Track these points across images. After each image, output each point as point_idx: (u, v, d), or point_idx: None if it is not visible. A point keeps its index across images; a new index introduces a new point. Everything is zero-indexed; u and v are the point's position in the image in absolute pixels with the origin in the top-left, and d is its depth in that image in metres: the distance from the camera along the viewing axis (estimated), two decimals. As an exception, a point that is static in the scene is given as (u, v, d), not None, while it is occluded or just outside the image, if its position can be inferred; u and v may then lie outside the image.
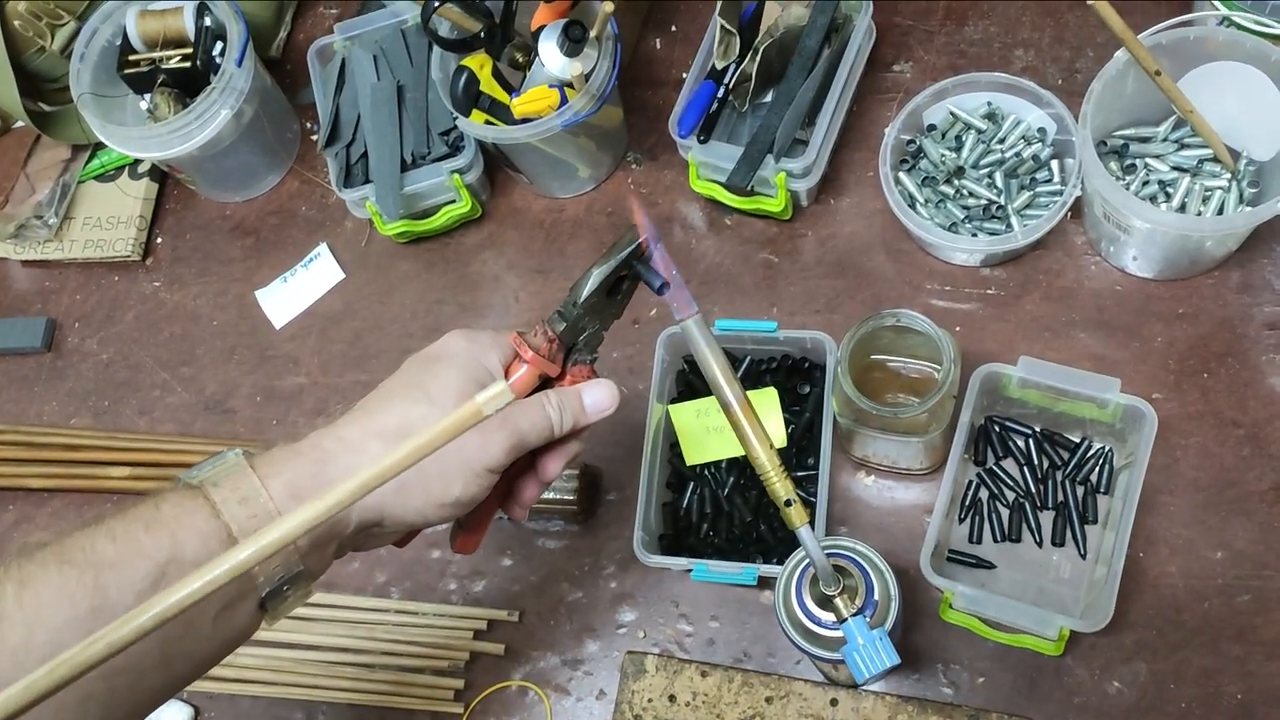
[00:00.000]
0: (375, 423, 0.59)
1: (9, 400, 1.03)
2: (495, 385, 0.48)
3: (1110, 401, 0.76)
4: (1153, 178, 0.85)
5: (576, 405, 0.64)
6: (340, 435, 0.58)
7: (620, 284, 0.65)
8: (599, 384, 0.65)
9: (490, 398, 0.47)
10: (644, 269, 0.63)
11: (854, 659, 0.62)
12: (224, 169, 1.01)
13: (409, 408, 0.59)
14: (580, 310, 0.64)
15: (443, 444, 0.46)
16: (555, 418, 0.63)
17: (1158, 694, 0.76)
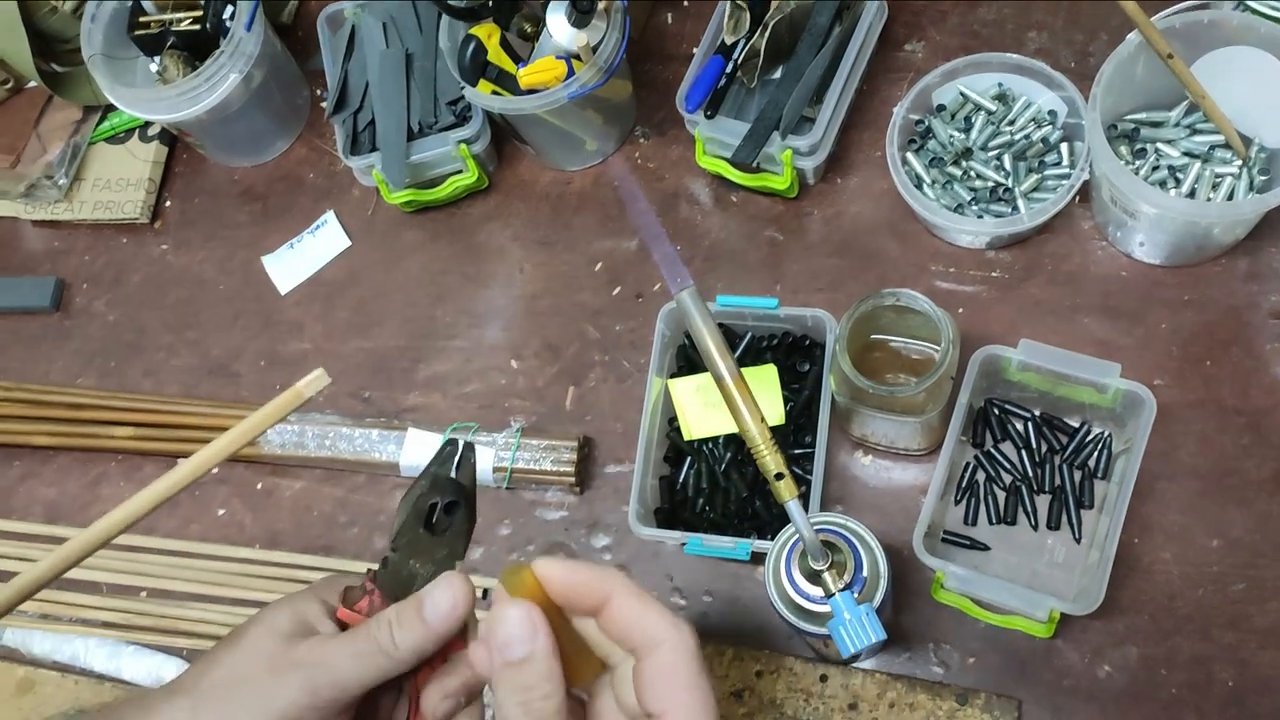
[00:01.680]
0: (175, 682, 0.53)
1: (16, 359, 1.04)
2: (315, 370, 0.48)
3: (1110, 386, 0.76)
4: (1163, 163, 0.84)
5: (412, 616, 0.51)
6: (145, 698, 0.53)
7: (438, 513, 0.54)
8: (440, 580, 0.52)
9: (310, 380, 0.48)
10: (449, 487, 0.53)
11: (840, 634, 0.62)
12: (233, 133, 1.02)
13: (212, 654, 0.53)
14: (397, 553, 0.53)
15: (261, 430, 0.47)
16: (384, 640, 0.51)
17: (1148, 679, 0.76)
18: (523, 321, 0.96)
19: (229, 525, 0.94)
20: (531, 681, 0.47)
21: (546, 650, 0.47)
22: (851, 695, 0.79)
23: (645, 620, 0.48)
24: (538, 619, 0.47)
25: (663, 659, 0.47)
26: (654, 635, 0.48)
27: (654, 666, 0.47)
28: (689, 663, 0.47)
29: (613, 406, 0.92)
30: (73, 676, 0.91)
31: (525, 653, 0.47)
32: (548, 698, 0.47)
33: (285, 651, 0.51)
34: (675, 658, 0.47)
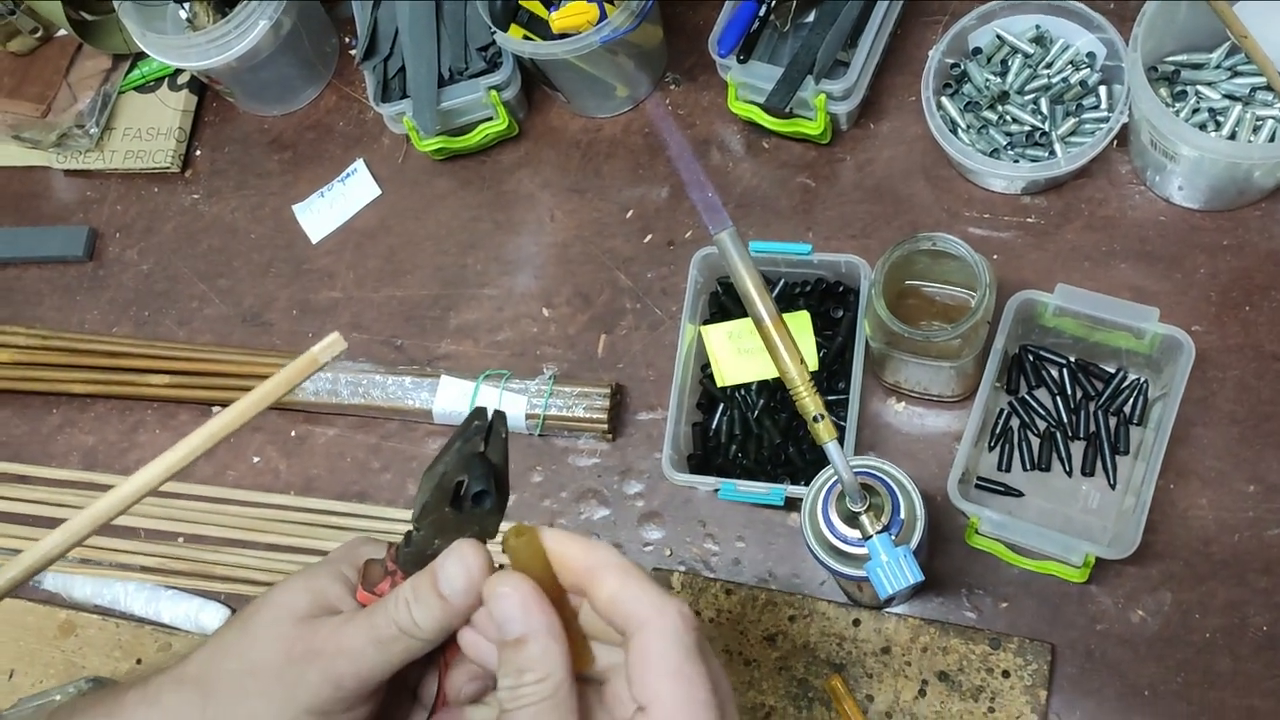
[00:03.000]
0: (181, 667, 0.50)
1: (53, 308, 1.04)
2: (330, 335, 0.45)
3: (1147, 331, 0.75)
4: (1203, 105, 0.83)
5: (428, 592, 0.47)
6: (148, 683, 0.50)
7: (466, 491, 0.49)
8: (451, 551, 0.47)
9: (325, 345, 0.47)
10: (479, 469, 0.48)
11: (877, 575, 0.62)
12: (262, 81, 1.01)
13: (221, 637, 0.50)
14: (421, 532, 0.49)
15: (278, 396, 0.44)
16: (405, 621, 0.47)
17: (1182, 623, 0.77)
18: (554, 269, 0.96)
19: (264, 472, 0.95)
20: (525, 664, 0.43)
21: (542, 629, 0.43)
22: (884, 639, 0.80)
23: (627, 601, 0.44)
24: (532, 596, 0.44)
25: (644, 645, 0.43)
26: (636, 618, 0.43)
27: (635, 653, 0.43)
28: (675, 649, 0.42)
29: (644, 354, 0.92)
30: (113, 620, 0.92)
31: (520, 632, 0.43)
32: (541, 683, 0.43)
33: (302, 637, 0.47)
34: (658, 644, 0.42)
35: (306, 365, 0.47)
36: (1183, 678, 0.76)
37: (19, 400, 1.01)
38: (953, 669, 0.78)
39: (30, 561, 0.45)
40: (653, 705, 0.42)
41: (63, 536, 0.45)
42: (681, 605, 0.44)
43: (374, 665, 0.47)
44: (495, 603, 0.44)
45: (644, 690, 0.42)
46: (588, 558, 0.45)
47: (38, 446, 1.00)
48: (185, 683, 0.48)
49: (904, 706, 0.78)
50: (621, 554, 0.46)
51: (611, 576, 0.44)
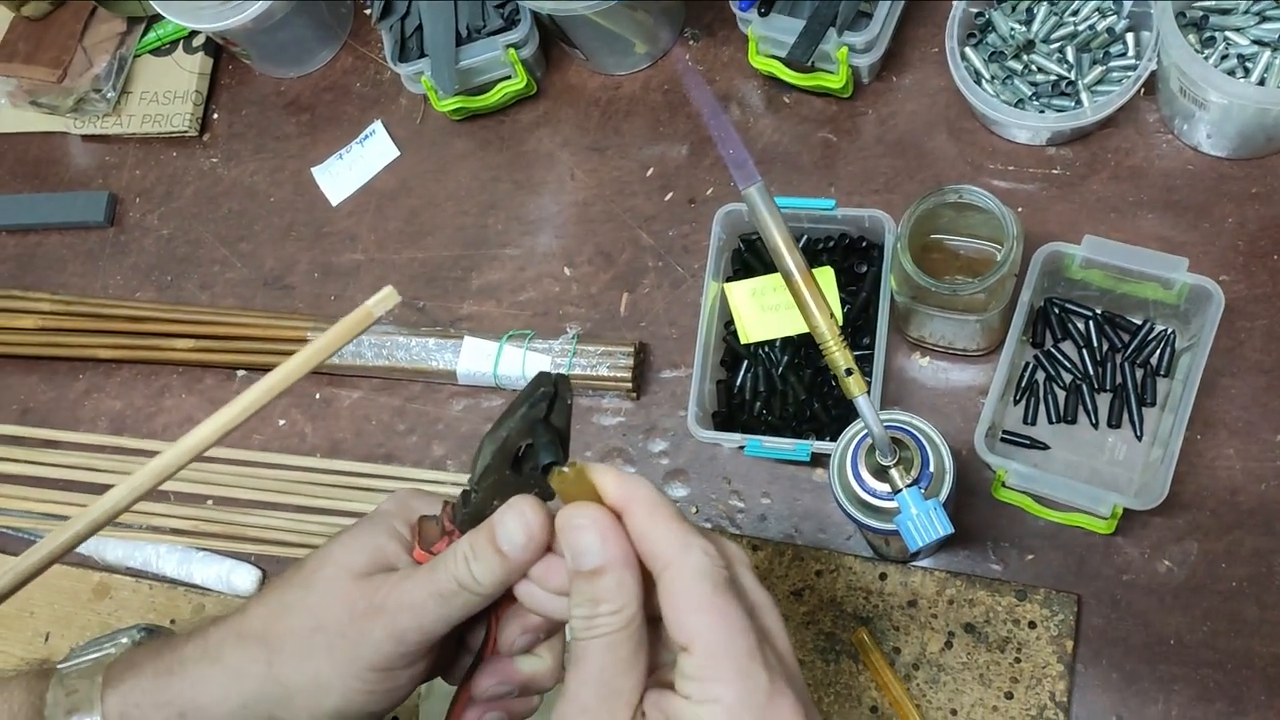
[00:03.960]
0: (241, 623, 0.50)
1: (75, 274, 1.05)
2: (384, 289, 0.45)
3: (1176, 281, 0.75)
4: (1232, 51, 0.82)
5: (487, 547, 0.47)
6: (207, 637, 0.50)
7: (527, 453, 0.49)
8: (510, 506, 0.47)
9: (379, 299, 0.47)
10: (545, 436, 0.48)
11: (908, 528, 0.62)
12: (278, 42, 1.01)
13: (282, 594, 0.50)
14: (480, 493, 0.49)
15: (333, 350, 0.45)
16: (464, 576, 0.47)
17: (1208, 573, 0.77)
18: (575, 228, 0.96)
19: (290, 435, 0.96)
20: (599, 594, 0.43)
21: (617, 560, 0.43)
22: (911, 592, 0.80)
23: (653, 539, 0.44)
24: (609, 528, 0.44)
25: (670, 584, 0.43)
26: (661, 557, 0.43)
27: (668, 591, 0.43)
28: (701, 585, 0.42)
29: (667, 312, 0.92)
30: (146, 581, 0.93)
31: (596, 564, 0.43)
32: (615, 614, 0.43)
33: (364, 595, 0.48)
34: (683, 582, 0.42)
35: (361, 319, 0.47)
36: (1209, 626, 0.76)
37: (46, 366, 1.02)
38: (979, 621, 0.79)
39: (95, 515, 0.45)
40: (691, 644, 0.42)
41: (125, 491, 0.46)
42: (705, 543, 0.44)
43: (435, 620, 0.48)
44: (572, 535, 0.44)
45: (679, 630, 0.42)
46: (620, 492, 0.45)
47: (65, 412, 1.01)
48: (248, 639, 0.49)
49: (930, 658, 0.79)
50: (655, 488, 0.45)
51: (640, 513, 0.44)
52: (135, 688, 0.49)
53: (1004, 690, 0.77)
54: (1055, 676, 0.77)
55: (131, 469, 0.96)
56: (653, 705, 0.43)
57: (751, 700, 0.41)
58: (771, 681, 0.42)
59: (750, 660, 0.41)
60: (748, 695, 0.41)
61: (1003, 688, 0.77)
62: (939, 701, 0.78)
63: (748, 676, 0.41)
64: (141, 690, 0.49)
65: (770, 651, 0.43)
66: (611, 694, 0.43)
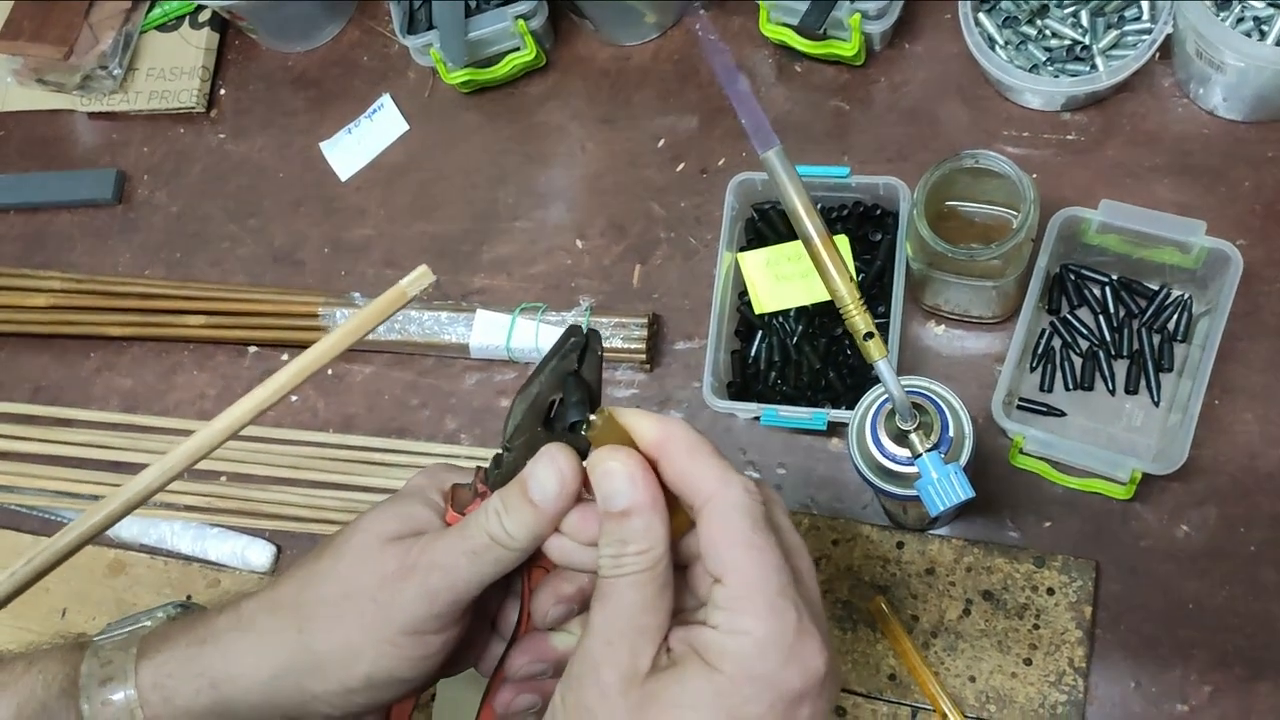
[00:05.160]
0: (273, 594, 0.50)
1: (85, 252, 1.04)
2: (418, 269, 0.46)
3: (1194, 245, 0.74)
4: (1248, 14, 0.81)
5: (519, 500, 0.47)
6: (240, 609, 0.50)
7: (556, 411, 0.49)
8: (542, 456, 0.47)
9: (413, 279, 0.47)
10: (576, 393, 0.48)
11: (928, 493, 0.62)
12: (284, 16, 1.00)
13: (313, 564, 0.50)
14: (513, 453, 0.49)
15: (367, 330, 0.45)
16: (496, 530, 0.47)
17: (1227, 537, 0.77)
18: (586, 201, 0.95)
19: (302, 411, 0.96)
20: (627, 535, 0.44)
21: (645, 503, 0.44)
22: (928, 560, 0.80)
23: (694, 476, 0.44)
24: (638, 471, 0.44)
25: (711, 517, 0.43)
26: (702, 492, 0.44)
27: (707, 525, 0.43)
28: (741, 520, 0.43)
29: (680, 283, 0.91)
30: (161, 558, 0.93)
31: (625, 505, 0.44)
32: (642, 553, 0.43)
33: (395, 557, 0.48)
34: (724, 516, 0.43)
35: (395, 299, 0.47)
36: (1227, 591, 0.76)
37: (56, 345, 1.02)
38: (997, 588, 0.79)
39: (128, 495, 0.46)
40: (726, 576, 0.42)
41: (157, 472, 0.46)
42: (746, 480, 0.44)
43: (468, 578, 0.47)
44: (602, 478, 0.44)
45: (716, 562, 0.43)
46: (658, 432, 0.45)
47: (77, 390, 1.00)
48: (279, 608, 0.49)
49: (949, 625, 0.79)
50: (691, 427, 0.46)
51: (680, 452, 0.44)
52: (169, 658, 0.49)
53: (1023, 657, 0.77)
54: (1074, 642, 0.77)
55: (143, 446, 0.96)
56: (678, 639, 0.44)
57: (780, 635, 0.41)
58: (800, 620, 0.42)
59: (782, 597, 0.42)
60: (777, 630, 0.41)
61: (1021, 654, 0.77)
62: (957, 669, 0.78)
63: (778, 612, 0.42)
64: (175, 661, 0.49)
65: (803, 594, 0.43)
66: (635, 630, 0.43)
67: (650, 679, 0.42)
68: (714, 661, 0.42)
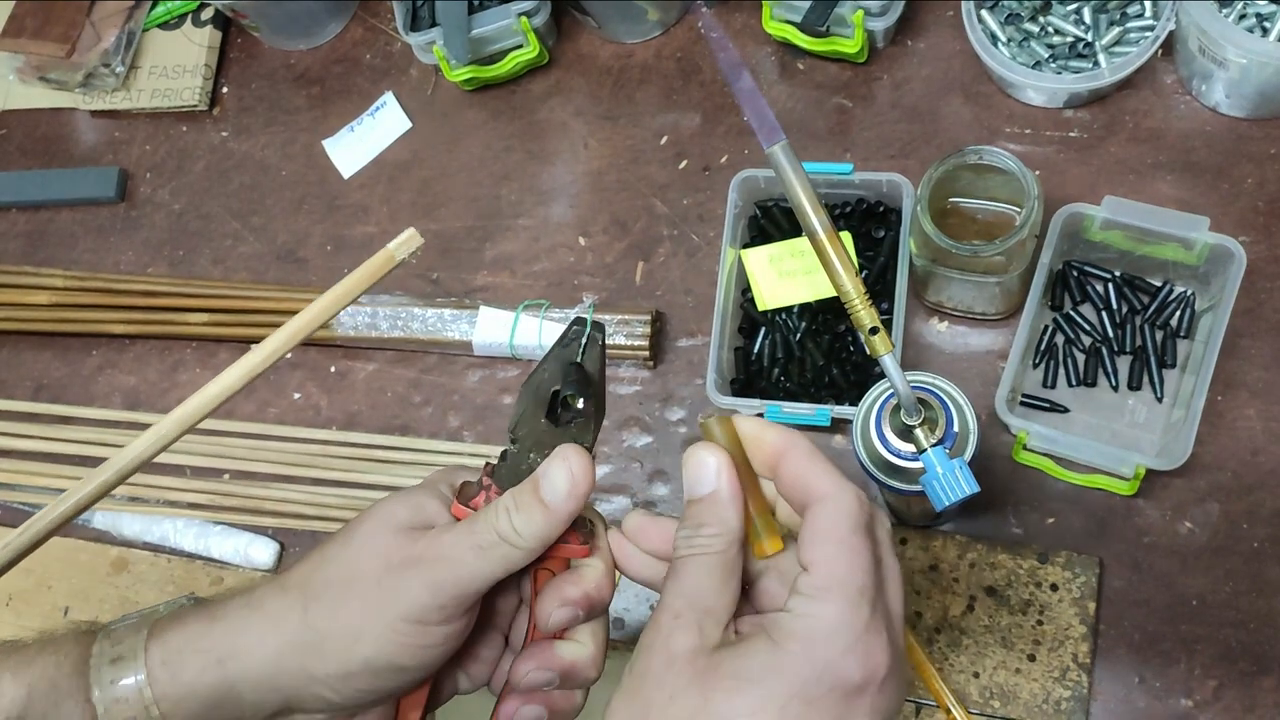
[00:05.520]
0: (285, 576, 0.51)
1: (87, 250, 1.04)
2: (405, 231, 0.46)
3: (1197, 241, 0.74)
4: (1250, 10, 0.81)
5: (529, 499, 0.48)
6: (252, 590, 0.51)
7: (562, 404, 0.51)
8: (555, 456, 0.49)
9: (401, 241, 0.47)
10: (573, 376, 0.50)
11: (934, 488, 0.62)
12: (287, 13, 1.00)
13: (324, 549, 0.51)
14: (518, 445, 0.50)
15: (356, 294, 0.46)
16: (505, 528, 0.48)
17: (1230, 533, 0.77)
18: (589, 198, 0.95)
19: (305, 408, 0.96)
20: (703, 519, 0.47)
21: (726, 494, 0.47)
22: (932, 557, 0.80)
23: (811, 477, 0.47)
24: (725, 464, 0.47)
25: (818, 513, 0.46)
26: (818, 492, 0.47)
27: (812, 520, 0.46)
28: (844, 520, 0.45)
29: (683, 280, 0.91)
30: (164, 555, 0.93)
31: (706, 491, 0.47)
32: (714, 537, 0.46)
33: (402, 547, 0.49)
34: (834, 514, 0.46)
35: (383, 262, 0.47)
36: (1231, 587, 0.76)
37: (59, 342, 1.01)
38: (1000, 584, 0.79)
39: (122, 463, 0.45)
40: (814, 566, 0.45)
41: (151, 439, 0.45)
42: (860, 491, 0.47)
43: (473, 573, 0.48)
44: (695, 467, 0.47)
45: (810, 552, 0.45)
46: (783, 438, 0.48)
47: (79, 388, 1.00)
48: (288, 589, 0.50)
49: (952, 621, 0.79)
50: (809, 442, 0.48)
51: (800, 456, 0.47)
52: (179, 636, 0.50)
53: (1026, 653, 0.77)
54: (1078, 638, 0.77)
55: (147, 444, 0.96)
56: (750, 623, 0.47)
57: (849, 626, 0.43)
58: (872, 617, 0.44)
59: (861, 595, 0.44)
60: (847, 620, 0.43)
61: (1025, 650, 0.77)
62: (961, 665, 0.78)
63: (854, 605, 0.43)
64: (184, 638, 0.50)
65: (882, 601, 0.45)
66: (701, 608, 0.45)
67: (716, 651, 0.44)
68: (781, 640, 0.43)
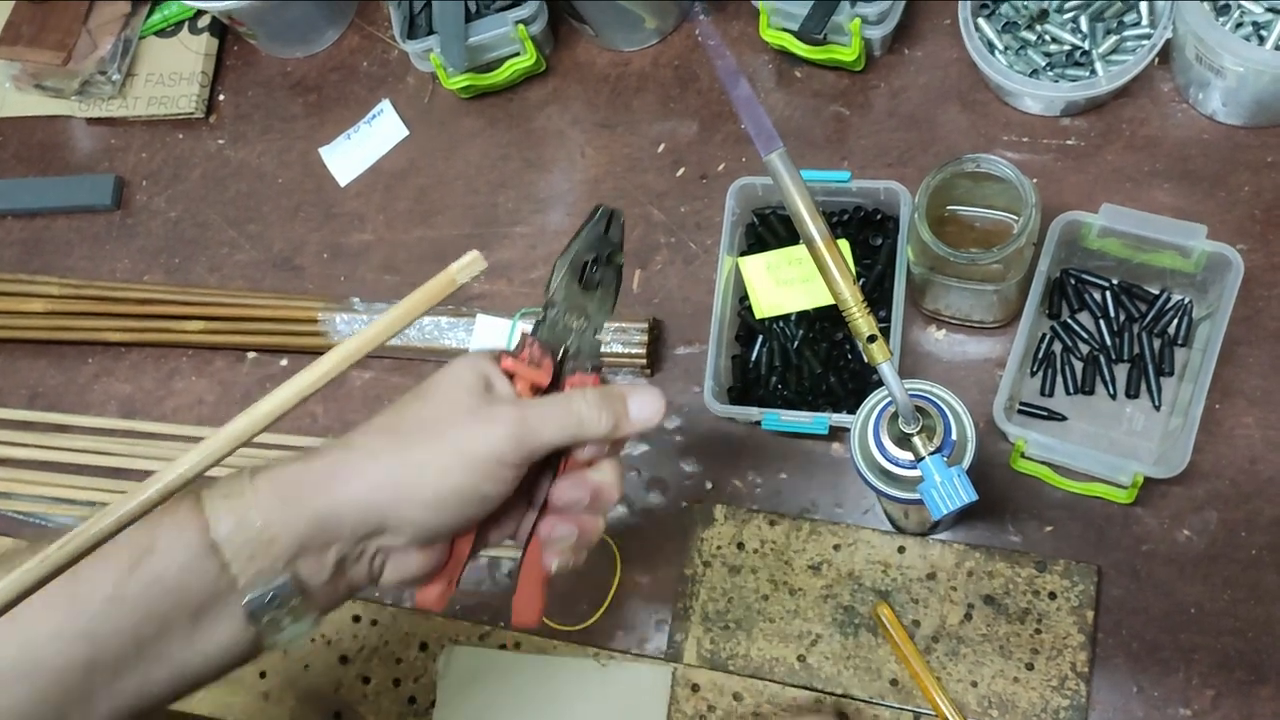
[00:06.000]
0: (369, 424, 0.56)
1: (83, 257, 1.04)
2: (469, 254, 0.48)
3: (1195, 249, 0.74)
4: (1246, 19, 0.81)
5: (620, 407, 0.57)
6: (338, 439, 0.56)
7: (593, 271, 0.60)
8: (648, 389, 0.59)
9: (463, 266, 0.48)
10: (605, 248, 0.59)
11: (932, 496, 0.62)
12: (284, 21, 1.00)
13: (402, 407, 0.56)
14: (553, 307, 0.59)
15: (414, 316, 0.47)
16: (588, 414, 0.56)
17: (1228, 541, 0.77)
18: (586, 206, 0.95)
19: (302, 416, 0.95)
20: None
21: None
22: (930, 565, 0.80)
23: None
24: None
25: None
26: None
27: None
28: None
29: (680, 288, 0.91)
30: (159, 564, 0.93)
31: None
32: None
33: (482, 404, 0.55)
34: None
35: (444, 285, 0.47)
36: (1229, 595, 0.76)
37: (54, 350, 1.01)
38: (999, 592, 0.79)
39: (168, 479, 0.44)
40: None
41: (198, 456, 0.44)
42: None
43: (548, 435, 0.55)
44: None
45: None
46: None
47: (75, 396, 1.00)
48: (378, 433, 0.55)
49: (950, 630, 0.79)
50: None
51: None
52: (281, 473, 0.54)
53: (1024, 661, 0.77)
54: (1076, 647, 0.76)
55: (142, 452, 0.96)
56: None
57: None
58: None
59: None
60: None
61: (1023, 659, 0.77)
62: (959, 674, 0.78)
63: None
64: (287, 474, 0.53)
65: None
66: None
67: None
68: None
